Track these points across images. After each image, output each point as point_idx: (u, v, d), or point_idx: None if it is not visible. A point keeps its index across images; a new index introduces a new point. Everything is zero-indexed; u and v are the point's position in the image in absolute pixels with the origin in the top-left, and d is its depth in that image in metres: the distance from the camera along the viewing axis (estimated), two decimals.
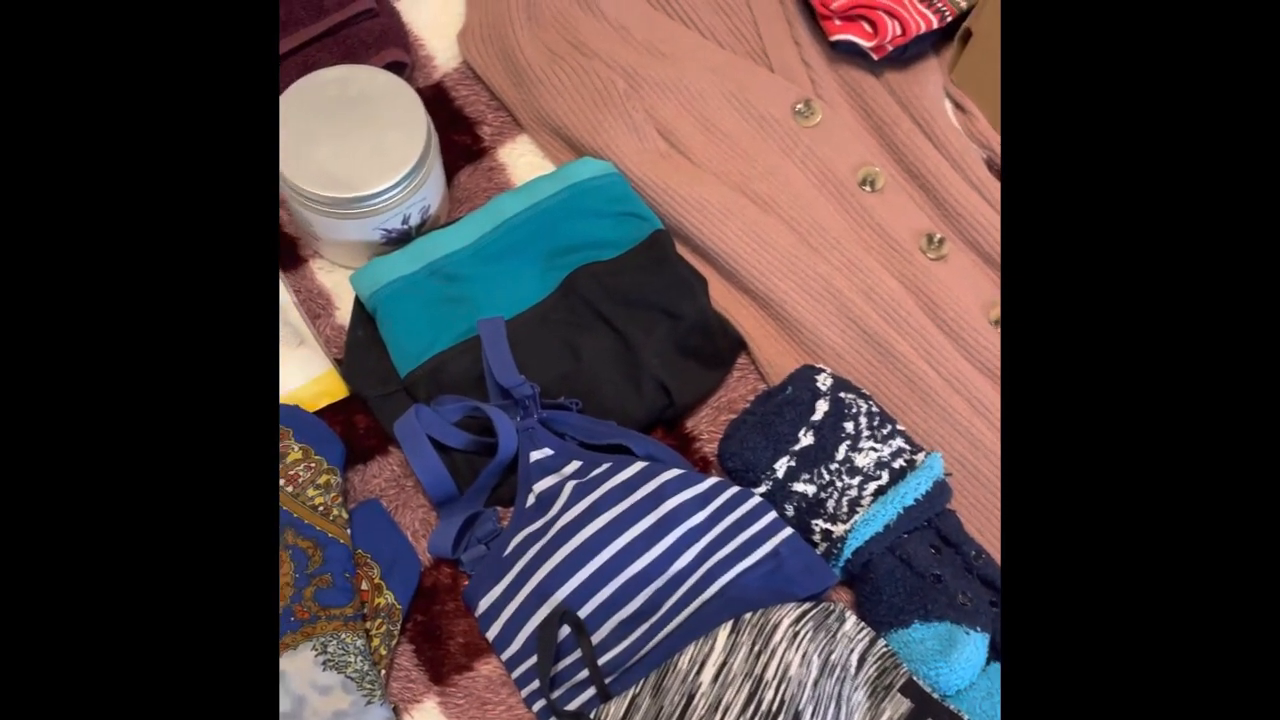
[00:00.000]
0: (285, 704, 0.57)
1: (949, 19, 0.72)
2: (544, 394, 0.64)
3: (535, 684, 0.59)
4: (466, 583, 0.62)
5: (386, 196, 0.64)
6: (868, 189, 0.71)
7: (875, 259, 0.69)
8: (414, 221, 0.67)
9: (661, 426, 0.67)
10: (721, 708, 0.54)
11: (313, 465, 0.61)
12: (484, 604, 0.61)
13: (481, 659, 0.61)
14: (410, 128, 0.64)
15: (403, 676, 0.61)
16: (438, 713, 0.60)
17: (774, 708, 0.54)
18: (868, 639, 0.57)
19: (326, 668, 0.57)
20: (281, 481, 0.61)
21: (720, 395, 0.67)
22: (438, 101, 0.74)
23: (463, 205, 0.72)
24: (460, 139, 0.73)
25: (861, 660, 0.56)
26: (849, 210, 0.71)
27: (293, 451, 0.61)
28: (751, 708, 0.54)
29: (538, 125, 0.73)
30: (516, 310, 0.66)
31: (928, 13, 0.71)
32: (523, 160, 0.73)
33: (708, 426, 0.67)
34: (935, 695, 0.56)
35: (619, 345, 0.65)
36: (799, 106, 0.73)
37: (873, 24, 0.71)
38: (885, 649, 0.57)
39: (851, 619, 0.57)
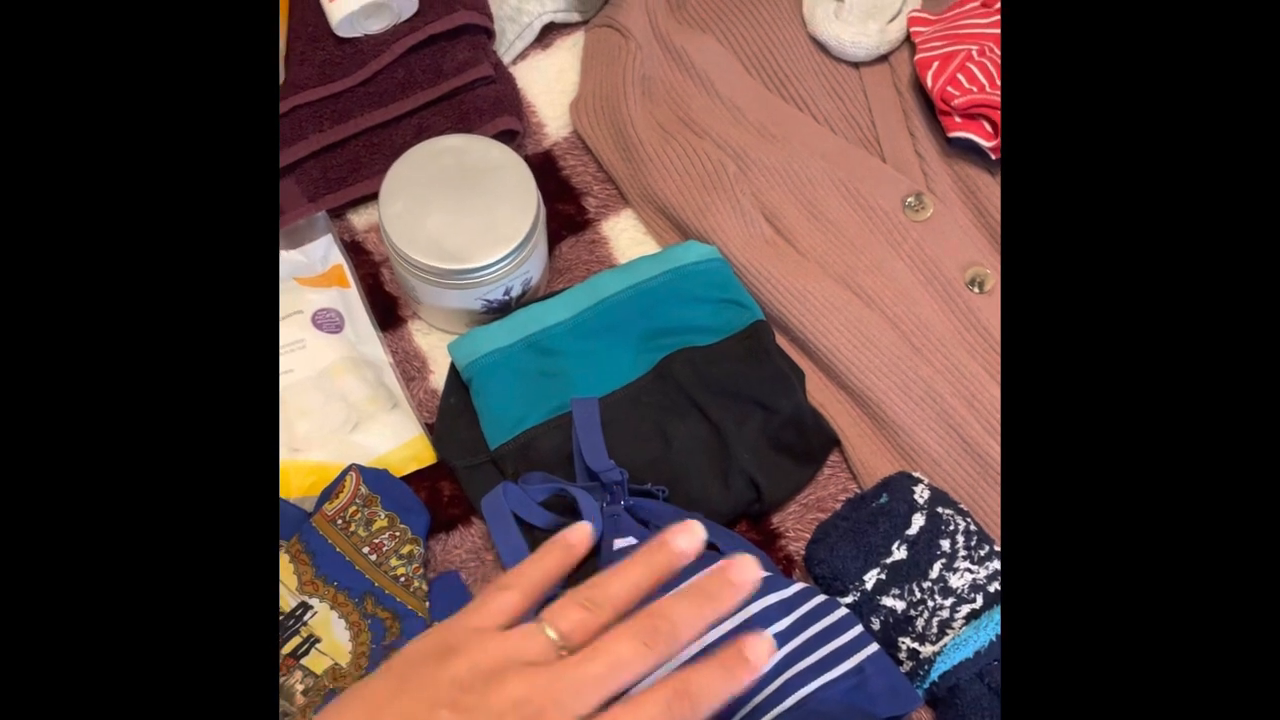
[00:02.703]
0: None
1: None
2: (631, 477, 0.63)
3: None
4: None
5: (492, 270, 0.64)
6: (975, 290, 0.69)
7: (979, 365, 0.67)
8: (515, 293, 0.67)
9: (747, 520, 0.65)
10: None
11: (397, 534, 0.61)
12: None
13: None
14: (521, 203, 0.64)
15: None
16: None
17: None
18: None
19: None
20: (366, 549, 0.61)
21: (809, 493, 0.66)
22: (545, 169, 0.74)
23: (563, 276, 0.72)
24: (565, 209, 0.73)
25: None
26: (955, 311, 0.69)
27: (379, 519, 0.61)
28: None
29: (643, 201, 0.72)
30: (609, 388, 0.66)
31: None
32: (625, 235, 0.73)
33: (794, 524, 0.65)
34: None
35: (710, 435, 0.64)
36: (910, 200, 0.72)
37: (993, 124, 0.70)
38: None
39: None
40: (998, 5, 0.74)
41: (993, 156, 0.71)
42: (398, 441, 0.66)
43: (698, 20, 0.77)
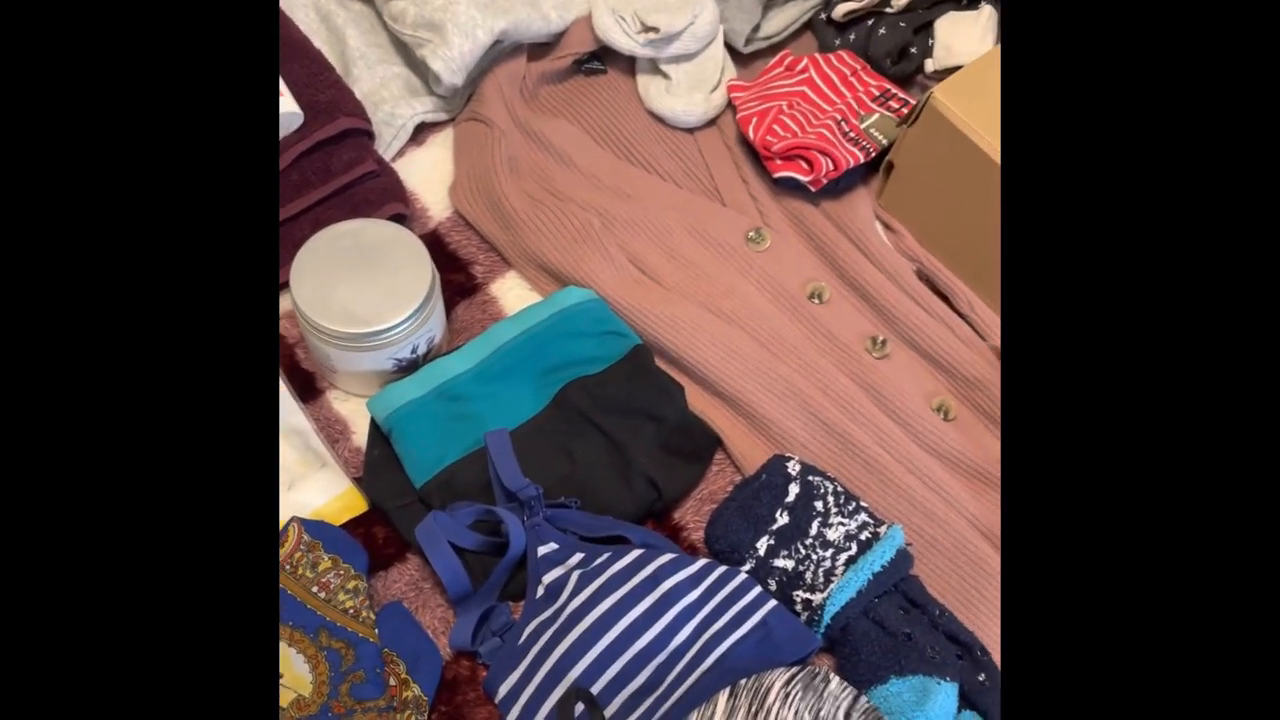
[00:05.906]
0: None
1: (873, 154, 0.84)
2: (545, 495, 0.71)
3: None
4: (485, 673, 0.68)
5: (398, 329, 0.73)
6: (816, 301, 0.82)
7: (828, 361, 0.79)
8: (421, 351, 0.76)
9: (652, 519, 0.74)
10: None
11: (342, 572, 0.68)
12: (503, 689, 0.66)
13: None
14: (417, 269, 0.73)
15: None
16: None
17: None
18: (851, 696, 0.63)
19: None
20: (315, 589, 0.67)
21: (702, 488, 0.75)
22: (434, 246, 0.84)
23: (461, 335, 0.81)
24: (455, 278, 0.83)
25: (848, 716, 0.63)
26: (801, 320, 0.81)
27: (323, 561, 0.68)
28: None
29: (524, 262, 0.83)
30: (516, 423, 0.74)
31: (855, 150, 0.83)
32: (512, 293, 0.83)
33: (693, 516, 0.74)
34: None
35: (610, 448, 0.73)
36: (751, 234, 0.84)
37: (809, 162, 0.83)
38: (868, 704, 0.63)
39: (835, 680, 0.63)
40: (798, 69, 0.89)
41: (812, 189, 0.84)
42: (330, 495, 0.72)
43: (550, 107, 0.89)
